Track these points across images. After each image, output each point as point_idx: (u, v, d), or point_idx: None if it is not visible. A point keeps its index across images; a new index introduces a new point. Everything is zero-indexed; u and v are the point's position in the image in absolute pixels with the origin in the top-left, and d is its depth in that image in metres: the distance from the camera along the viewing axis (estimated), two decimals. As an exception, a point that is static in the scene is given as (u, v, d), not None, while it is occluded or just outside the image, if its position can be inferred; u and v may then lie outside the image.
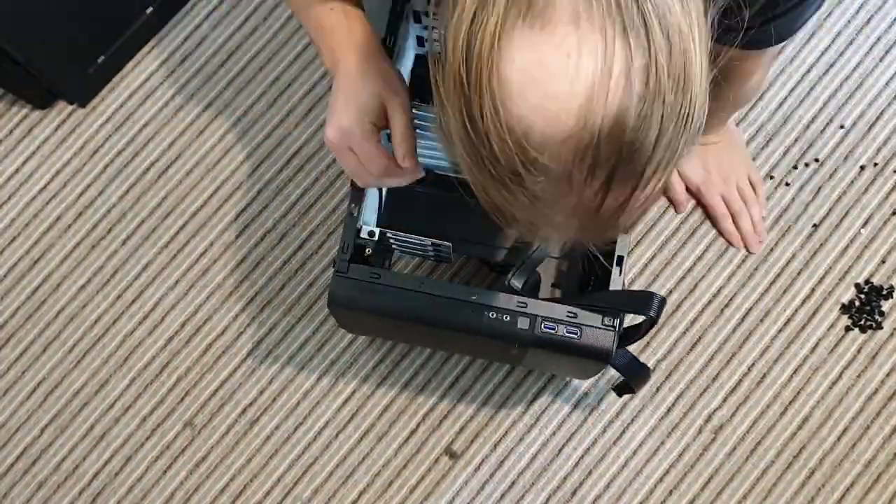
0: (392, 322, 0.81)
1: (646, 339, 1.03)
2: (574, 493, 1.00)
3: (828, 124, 1.07)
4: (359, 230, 0.79)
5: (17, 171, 1.09)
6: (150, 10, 1.08)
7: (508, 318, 0.77)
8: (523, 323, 0.77)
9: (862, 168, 1.06)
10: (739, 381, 1.02)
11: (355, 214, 0.79)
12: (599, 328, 0.76)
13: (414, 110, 0.70)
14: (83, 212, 1.08)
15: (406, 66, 0.87)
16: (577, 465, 1.01)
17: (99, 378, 1.04)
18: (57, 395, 1.04)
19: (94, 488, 1.02)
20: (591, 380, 1.02)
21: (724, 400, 1.01)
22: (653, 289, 1.04)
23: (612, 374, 1.00)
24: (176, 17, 1.12)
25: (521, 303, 0.77)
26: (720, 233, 1.05)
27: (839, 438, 1.00)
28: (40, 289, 1.06)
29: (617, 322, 0.76)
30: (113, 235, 1.07)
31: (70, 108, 1.10)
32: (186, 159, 1.09)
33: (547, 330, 0.77)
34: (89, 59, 1.07)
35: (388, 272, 0.80)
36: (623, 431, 1.01)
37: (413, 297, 0.78)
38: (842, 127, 1.07)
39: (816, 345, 1.02)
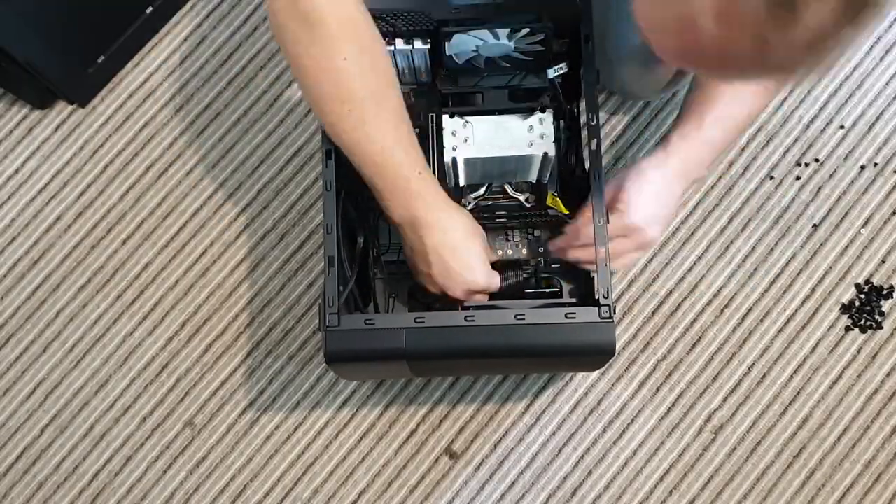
0: (396, 363, 0.79)
1: (646, 339, 1.03)
2: (574, 493, 1.00)
3: (828, 124, 1.07)
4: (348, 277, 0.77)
5: (17, 171, 1.09)
6: (150, 10, 1.08)
7: (511, 335, 0.75)
8: (525, 336, 0.75)
9: (862, 168, 1.06)
10: (739, 381, 1.02)
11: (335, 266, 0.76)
12: (598, 322, 0.75)
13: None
14: (83, 212, 1.08)
15: None
16: (577, 465, 1.01)
17: (99, 378, 1.04)
18: (57, 396, 1.04)
19: (94, 488, 1.02)
20: (591, 379, 1.02)
21: (725, 400, 1.01)
22: (653, 289, 1.04)
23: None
24: (176, 17, 1.12)
25: (520, 315, 0.75)
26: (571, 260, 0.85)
27: (839, 438, 1.00)
28: (40, 289, 1.06)
29: (612, 311, 0.75)
30: (113, 235, 1.07)
31: (70, 108, 1.10)
32: (186, 159, 1.09)
33: (551, 338, 0.76)
34: (89, 59, 1.07)
35: (380, 315, 0.78)
36: (623, 431, 1.01)
37: (414, 335, 0.75)
38: (842, 127, 1.07)
39: (816, 345, 1.02)
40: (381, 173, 0.73)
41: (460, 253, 0.76)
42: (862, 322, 1.02)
